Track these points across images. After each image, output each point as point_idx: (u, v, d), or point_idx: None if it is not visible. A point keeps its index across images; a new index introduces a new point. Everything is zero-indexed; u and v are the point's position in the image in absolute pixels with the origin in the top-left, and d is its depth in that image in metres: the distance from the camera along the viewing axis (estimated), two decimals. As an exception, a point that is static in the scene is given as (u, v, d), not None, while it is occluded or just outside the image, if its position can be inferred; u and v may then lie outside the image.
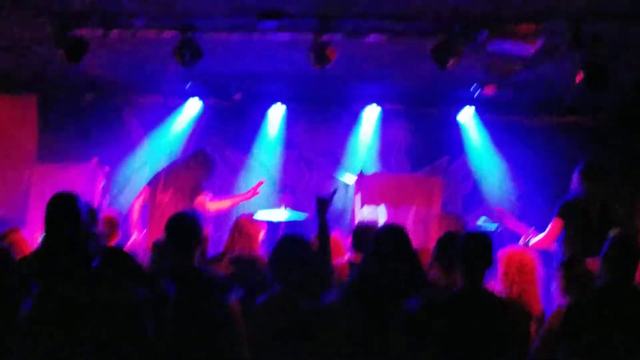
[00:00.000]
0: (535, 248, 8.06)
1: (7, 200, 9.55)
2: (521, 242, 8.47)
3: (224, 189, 11.55)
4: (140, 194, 9.64)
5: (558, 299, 5.87)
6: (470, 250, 5.22)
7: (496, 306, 5.19)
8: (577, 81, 8.10)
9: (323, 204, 5.87)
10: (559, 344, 5.16)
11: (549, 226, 8.35)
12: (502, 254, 6.25)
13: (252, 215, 8.41)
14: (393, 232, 5.61)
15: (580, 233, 8.07)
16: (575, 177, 8.48)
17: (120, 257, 5.13)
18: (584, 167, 8.45)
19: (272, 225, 9.24)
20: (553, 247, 8.33)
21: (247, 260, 6.61)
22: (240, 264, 6.57)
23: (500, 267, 6.19)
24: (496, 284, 6.13)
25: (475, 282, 5.18)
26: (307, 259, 5.49)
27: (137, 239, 9.23)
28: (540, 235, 8.41)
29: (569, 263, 5.92)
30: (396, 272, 5.32)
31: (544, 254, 7.53)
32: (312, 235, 5.95)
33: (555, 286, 5.99)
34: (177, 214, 5.62)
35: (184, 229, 5.39)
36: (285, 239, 5.71)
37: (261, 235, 7.55)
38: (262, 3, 7.54)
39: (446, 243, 6.02)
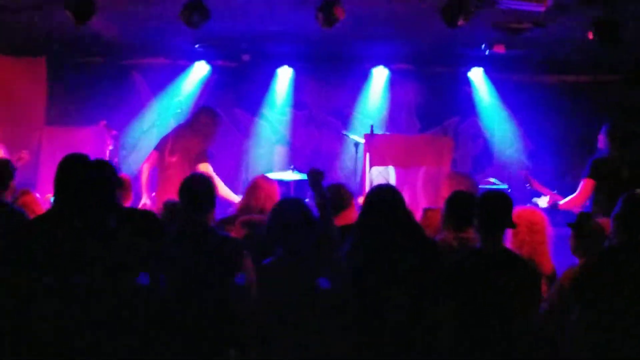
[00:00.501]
0: (566, 209, 8.07)
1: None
2: (546, 204, 8.48)
3: (234, 150, 11.59)
4: (149, 157, 9.64)
5: (570, 258, 5.86)
6: (491, 210, 5.21)
7: (514, 264, 5.18)
8: (590, 38, 8.04)
9: (316, 176, 5.75)
10: (571, 304, 5.16)
11: (580, 186, 8.37)
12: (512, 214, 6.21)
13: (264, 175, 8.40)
14: (383, 195, 5.49)
15: (609, 193, 8.03)
16: (601, 138, 8.48)
17: (138, 216, 5.15)
18: (610, 128, 8.43)
19: (283, 186, 9.25)
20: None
21: (258, 223, 6.57)
22: (251, 226, 6.54)
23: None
24: (505, 244, 6.10)
25: (495, 241, 5.18)
26: (304, 222, 5.42)
27: (147, 202, 9.24)
28: (571, 196, 8.42)
29: (579, 222, 5.89)
30: (391, 238, 5.26)
31: (554, 213, 7.55)
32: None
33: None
34: (192, 175, 5.63)
35: (199, 190, 5.39)
36: (282, 202, 5.63)
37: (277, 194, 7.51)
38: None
39: (455, 203, 6.00)
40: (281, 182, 9.46)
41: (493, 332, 5.04)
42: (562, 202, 8.48)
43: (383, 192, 5.53)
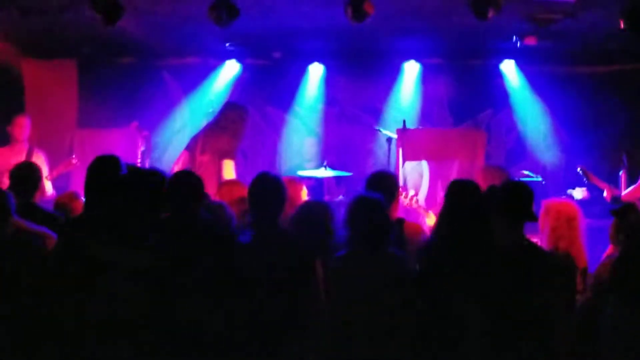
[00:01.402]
0: (628, 199, 8.00)
1: (49, 164, 9.57)
2: (581, 196, 8.42)
3: (267, 147, 11.59)
4: (180, 158, 9.65)
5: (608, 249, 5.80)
6: (510, 201, 5.11)
7: (543, 259, 5.10)
8: (621, 27, 7.94)
9: None
10: (609, 295, 5.08)
11: None
12: (549, 208, 6.13)
13: (290, 176, 8.35)
14: (465, 189, 5.36)
15: None
16: None
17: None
18: None
19: (316, 183, 9.24)
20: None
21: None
22: None
23: (547, 221, 6.05)
24: (541, 238, 6.02)
25: (515, 235, 5.07)
26: (382, 220, 5.31)
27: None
28: (632, 187, 8.37)
29: (623, 210, 5.80)
30: (472, 233, 5.11)
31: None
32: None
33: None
34: (261, 176, 5.46)
35: (269, 191, 5.31)
36: (361, 200, 5.42)
37: (304, 193, 7.44)
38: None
39: (490, 197, 5.92)
40: (314, 180, 9.48)
41: (522, 327, 4.95)
42: (623, 193, 8.37)
43: (467, 189, 5.40)
